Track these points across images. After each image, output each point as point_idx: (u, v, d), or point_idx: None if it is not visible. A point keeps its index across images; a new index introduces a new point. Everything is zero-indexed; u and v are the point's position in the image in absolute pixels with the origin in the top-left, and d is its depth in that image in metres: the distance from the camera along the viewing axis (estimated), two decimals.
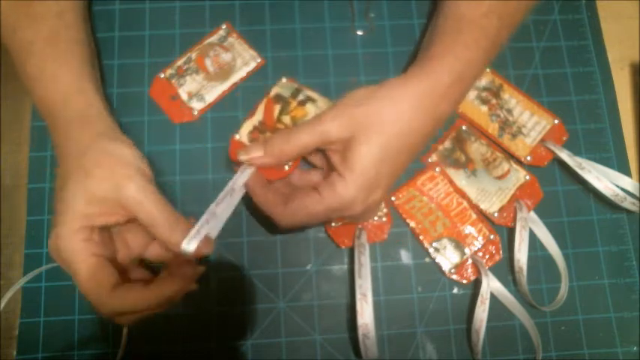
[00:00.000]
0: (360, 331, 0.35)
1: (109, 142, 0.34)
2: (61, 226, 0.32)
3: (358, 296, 0.35)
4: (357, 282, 0.36)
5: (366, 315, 0.35)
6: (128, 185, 0.32)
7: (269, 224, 0.38)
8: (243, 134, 0.42)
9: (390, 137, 0.33)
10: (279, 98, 0.42)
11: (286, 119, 0.42)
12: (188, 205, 0.42)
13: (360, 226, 0.41)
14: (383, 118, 0.33)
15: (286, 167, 0.37)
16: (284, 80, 0.44)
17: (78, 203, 0.32)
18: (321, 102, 0.42)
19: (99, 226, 0.33)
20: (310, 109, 0.42)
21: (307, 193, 0.34)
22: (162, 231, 0.32)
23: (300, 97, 0.42)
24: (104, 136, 0.34)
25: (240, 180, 0.35)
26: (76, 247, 0.32)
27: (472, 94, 0.45)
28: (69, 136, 0.34)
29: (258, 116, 0.42)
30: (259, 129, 0.41)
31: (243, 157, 0.35)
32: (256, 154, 0.35)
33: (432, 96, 0.34)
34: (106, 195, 0.32)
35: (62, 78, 0.36)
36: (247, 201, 0.37)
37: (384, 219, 0.41)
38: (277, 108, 0.42)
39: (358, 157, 0.33)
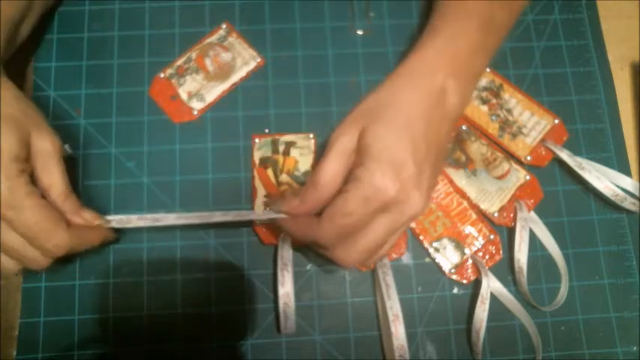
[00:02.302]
0: (397, 353, 0.35)
1: (21, 95, 0.35)
2: None
3: (391, 318, 0.35)
4: (388, 304, 0.36)
5: (400, 336, 0.35)
6: (49, 141, 0.33)
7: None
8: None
9: (395, 114, 0.33)
10: (265, 161, 0.42)
11: (285, 178, 0.42)
12: (187, 205, 0.42)
13: None
14: (385, 103, 0.33)
15: None
16: (257, 140, 0.43)
17: (14, 148, 0.32)
18: (299, 140, 0.43)
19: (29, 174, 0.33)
20: (296, 153, 0.42)
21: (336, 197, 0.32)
22: (55, 194, 0.34)
23: (281, 147, 0.43)
24: (15, 89, 0.35)
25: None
26: (23, 190, 0.32)
27: (472, 94, 0.45)
28: None
29: (261, 191, 0.42)
30: (269, 202, 0.41)
31: (283, 208, 0.34)
32: (293, 203, 0.34)
33: (422, 71, 0.34)
34: (32, 143, 0.33)
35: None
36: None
37: None
38: (270, 173, 0.42)
39: (372, 140, 0.32)
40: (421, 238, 0.42)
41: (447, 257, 0.41)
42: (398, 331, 0.35)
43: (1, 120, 0.32)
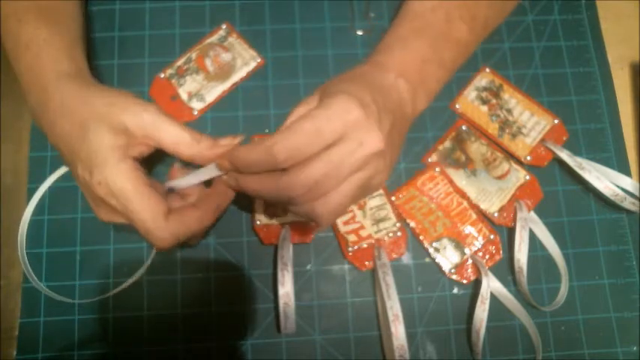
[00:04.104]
0: (397, 353, 0.35)
1: (109, 89, 0.35)
2: (102, 166, 0.32)
3: (391, 318, 0.35)
4: (388, 304, 0.36)
5: (400, 336, 0.35)
6: (144, 112, 0.33)
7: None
8: (262, 220, 0.42)
9: (358, 81, 0.34)
10: None
11: None
12: None
13: (377, 245, 0.41)
14: (346, 78, 0.35)
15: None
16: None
17: (107, 139, 0.32)
18: None
19: (133, 157, 0.33)
20: None
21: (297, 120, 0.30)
22: (187, 146, 0.34)
23: None
24: (102, 86, 0.36)
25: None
26: (126, 177, 0.32)
27: (472, 94, 0.45)
28: (65, 94, 0.34)
29: None
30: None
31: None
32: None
33: (379, 68, 0.36)
34: (127, 125, 0.33)
35: (56, 44, 0.36)
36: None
37: (399, 233, 0.41)
38: None
39: (335, 89, 0.32)
40: (421, 238, 0.42)
41: (447, 257, 0.41)
42: (398, 331, 0.35)
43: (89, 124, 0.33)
